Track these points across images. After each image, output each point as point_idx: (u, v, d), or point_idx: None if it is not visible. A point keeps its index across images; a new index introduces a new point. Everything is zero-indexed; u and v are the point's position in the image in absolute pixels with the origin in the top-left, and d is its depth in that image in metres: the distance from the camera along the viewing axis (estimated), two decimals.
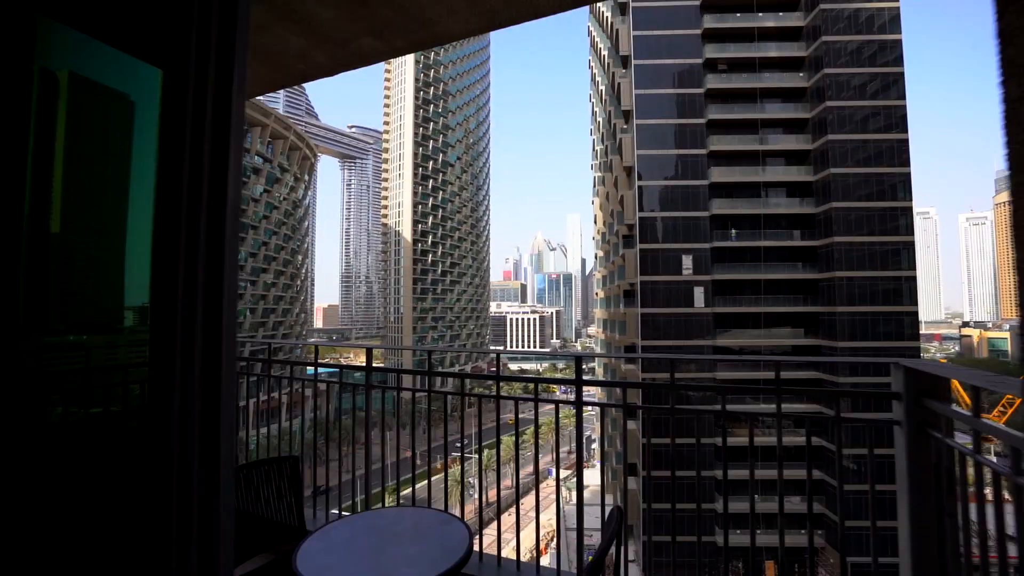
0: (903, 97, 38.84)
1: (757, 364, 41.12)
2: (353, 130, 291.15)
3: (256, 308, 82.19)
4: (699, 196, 41.98)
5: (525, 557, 2.86)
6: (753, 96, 42.78)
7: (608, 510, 2.01)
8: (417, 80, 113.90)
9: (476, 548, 2.72)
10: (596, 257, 71.06)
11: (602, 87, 56.05)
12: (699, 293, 41.22)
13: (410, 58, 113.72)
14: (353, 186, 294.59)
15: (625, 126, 46.46)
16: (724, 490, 2.82)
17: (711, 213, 41.79)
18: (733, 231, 41.92)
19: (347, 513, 2.73)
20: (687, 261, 41.56)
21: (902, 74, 38.98)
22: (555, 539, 56.23)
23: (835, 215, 38.49)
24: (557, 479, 2.86)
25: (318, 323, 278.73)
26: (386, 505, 2.84)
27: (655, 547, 39.73)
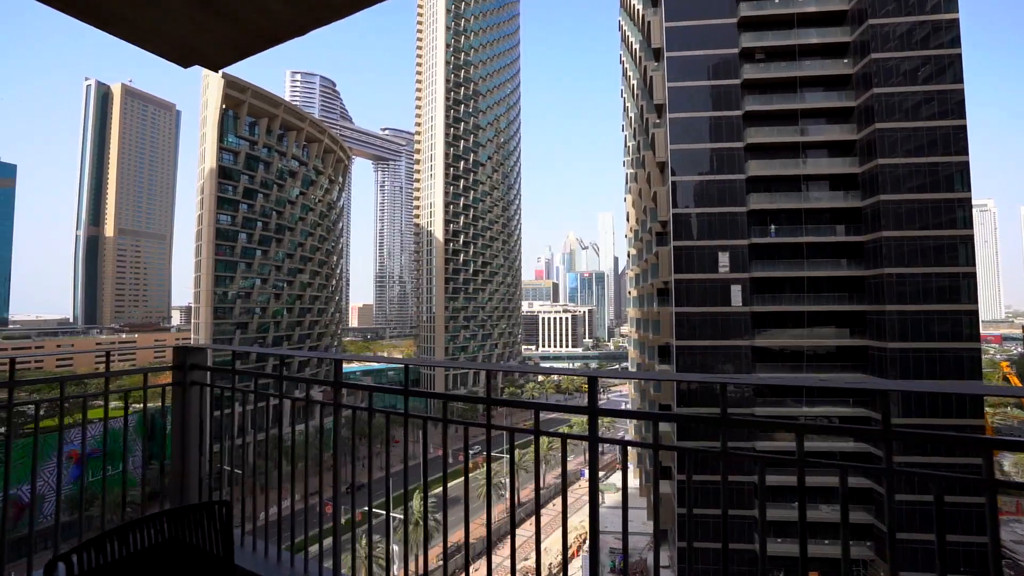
0: (960, 81, 36.35)
1: (800, 365, 39.34)
2: (386, 132, 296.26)
3: (293, 308, 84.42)
4: (736, 191, 40.48)
5: None
6: (792, 85, 40.92)
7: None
8: (448, 81, 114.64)
9: None
10: (629, 255, 69.80)
11: (633, 82, 54.88)
12: (736, 291, 39.77)
13: (441, 58, 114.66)
14: (386, 187, 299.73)
15: (658, 120, 45.31)
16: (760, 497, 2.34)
17: (749, 208, 40.24)
18: (772, 227, 40.24)
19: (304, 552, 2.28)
20: (723, 258, 40.17)
21: (959, 56, 36.50)
22: (587, 542, 55.48)
23: (884, 208, 36.37)
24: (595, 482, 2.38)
25: (353, 322, 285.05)
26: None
27: (694, 554, 38.57)
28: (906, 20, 37.23)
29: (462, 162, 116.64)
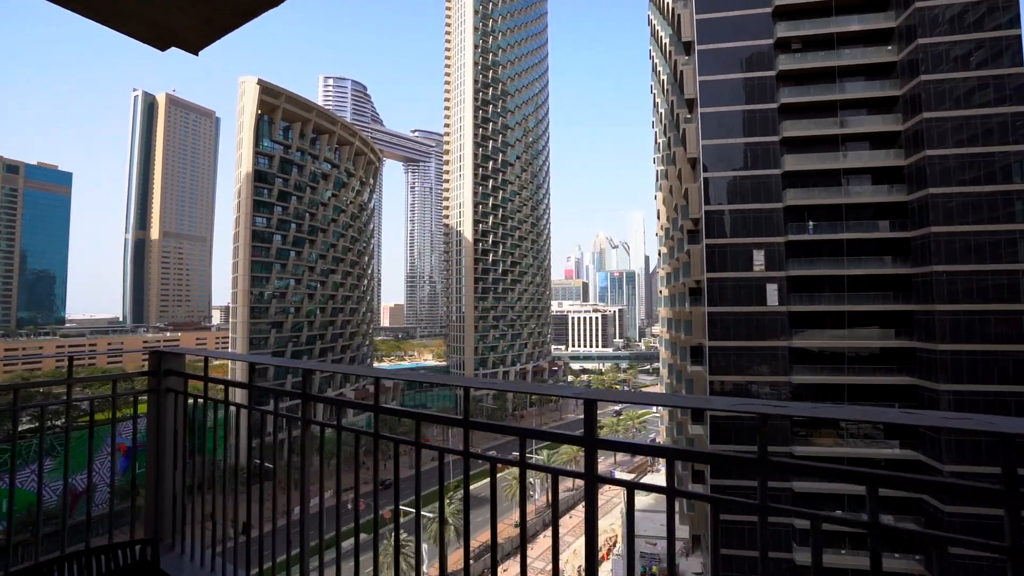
0: (1019, 64, 33.95)
1: (840, 368, 37.63)
2: (416, 134, 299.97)
3: (325, 307, 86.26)
4: (771, 186, 39.03)
5: None
6: (831, 75, 39.15)
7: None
8: (476, 81, 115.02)
9: None
10: (660, 254, 68.47)
11: (664, 77, 53.69)
12: (772, 290, 38.35)
13: (469, 59, 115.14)
14: (416, 188, 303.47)
15: (688, 116, 44.17)
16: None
17: (785, 204, 38.73)
18: (810, 223, 38.60)
19: None
20: (758, 256, 38.79)
21: (1018, 38, 34.12)
22: (616, 545, 54.69)
23: (932, 202, 34.35)
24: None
25: (384, 322, 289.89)
26: None
27: (725, 561, 37.39)
28: (957, 1, 35.06)
29: (491, 162, 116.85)
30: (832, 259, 38.14)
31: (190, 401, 2.25)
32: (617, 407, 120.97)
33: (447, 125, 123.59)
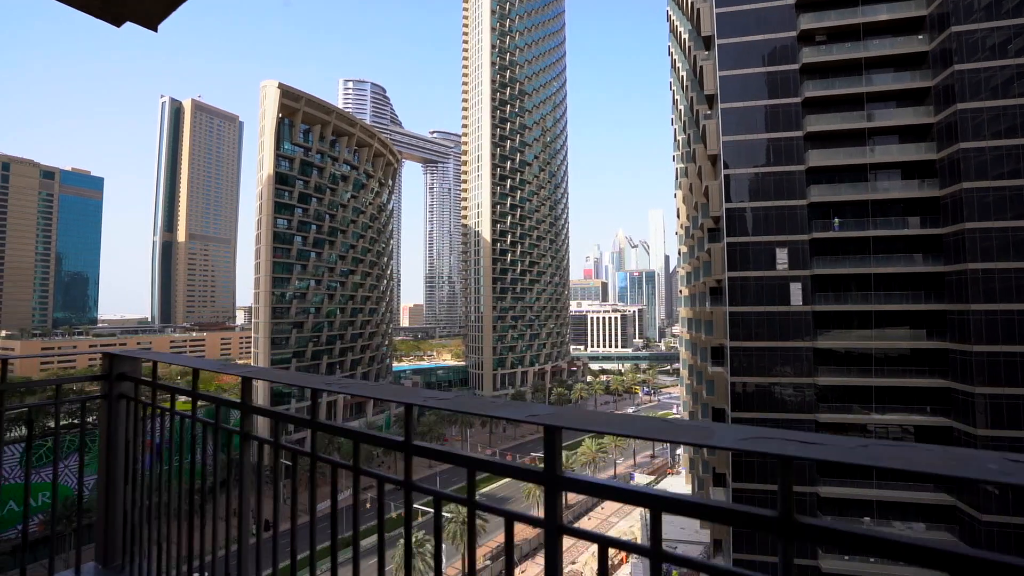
0: None
1: (868, 369, 36.40)
2: (435, 135, 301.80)
3: (345, 308, 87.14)
4: (795, 183, 37.96)
5: None
6: (857, 67, 37.88)
7: None
8: (493, 82, 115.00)
9: None
10: (680, 253, 67.40)
11: (683, 73, 52.81)
12: (796, 289, 37.30)
13: (486, 59, 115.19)
14: (435, 189, 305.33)
15: (708, 112, 43.33)
16: None
17: (809, 201, 37.63)
18: (836, 220, 37.42)
19: None
20: (782, 255, 37.78)
21: None
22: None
23: (966, 197, 32.92)
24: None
25: (404, 322, 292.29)
26: None
27: (739, 565, 36.44)
28: None
29: (509, 162, 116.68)
30: (859, 257, 36.92)
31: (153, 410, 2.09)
32: (631, 408, 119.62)
33: (465, 126, 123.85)
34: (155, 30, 2.39)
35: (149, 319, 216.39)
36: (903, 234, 36.36)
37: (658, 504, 1.00)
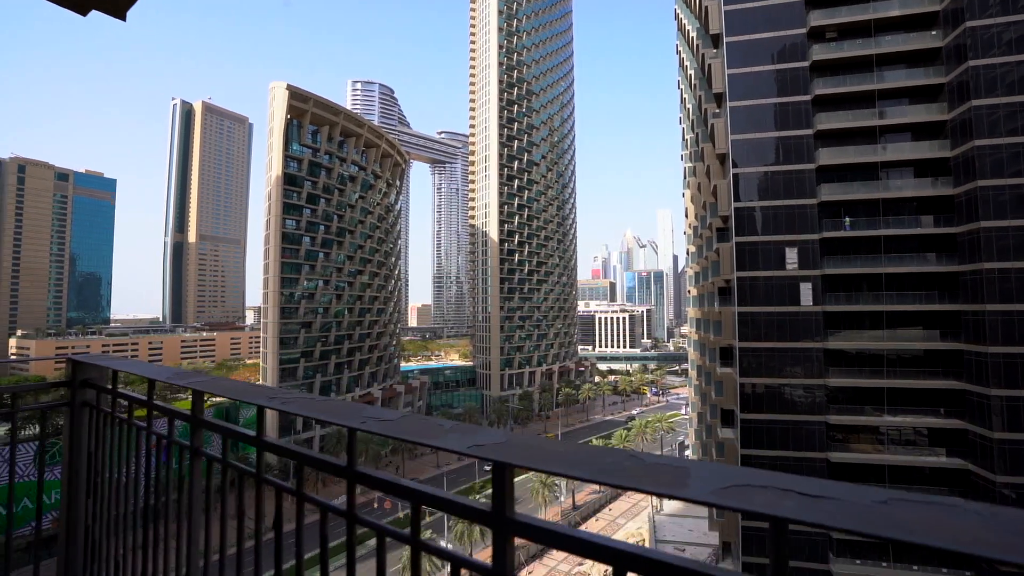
0: None
1: (880, 370, 35.84)
2: (442, 135, 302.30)
3: (353, 308, 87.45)
4: (804, 182, 37.49)
5: None
6: (868, 64, 37.33)
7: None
8: (501, 82, 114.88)
9: None
10: (688, 253, 66.93)
11: (691, 71, 52.38)
12: (806, 289, 36.84)
13: (494, 59, 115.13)
14: (443, 189, 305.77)
15: (717, 110, 42.93)
16: None
17: (819, 200, 37.15)
18: (846, 219, 36.91)
19: None
20: (791, 254, 37.33)
21: None
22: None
23: (982, 195, 32.30)
24: None
25: (412, 322, 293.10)
26: None
27: (749, 569, 36.04)
28: None
29: (516, 162, 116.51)
30: (870, 257, 36.38)
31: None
32: (639, 409, 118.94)
33: (472, 126, 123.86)
34: (123, 19, 2.30)
35: (161, 319, 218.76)
36: (916, 233, 35.77)
37: (621, 561, 0.80)
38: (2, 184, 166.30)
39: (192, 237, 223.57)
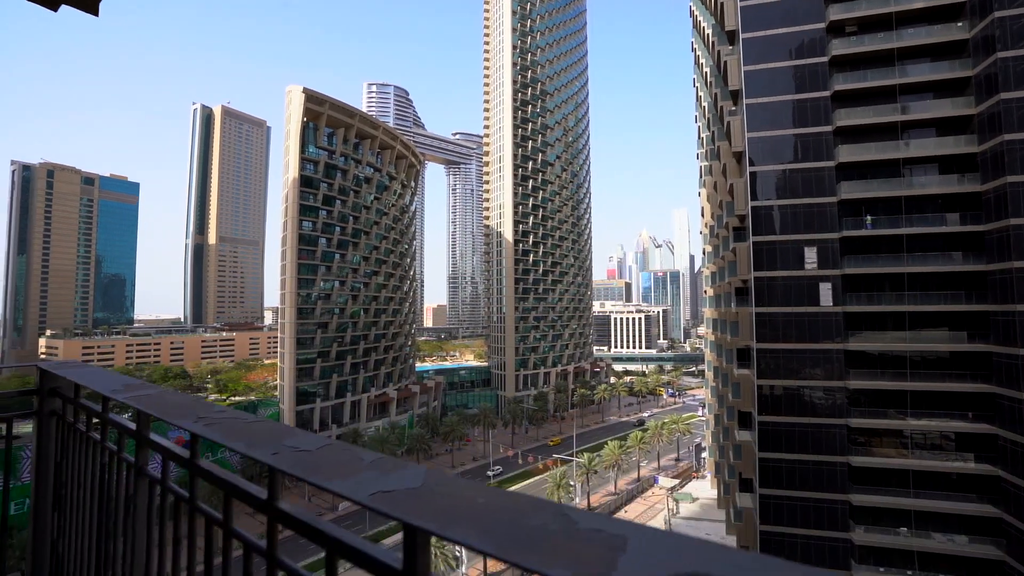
0: None
1: (903, 372, 34.83)
2: (457, 136, 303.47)
3: (369, 308, 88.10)
4: (824, 180, 36.67)
5: None
6: (889, 58, 36.32)
7: None
8: (515, 82, 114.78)
9: None
10: (704, 252, 66.04)
11: (707, 69, 51.68)
12: (826, 290, 36.02)
13: (508, 60, 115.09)
14: (458, 190, 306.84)
15: (733, 108, 42.27)
16: None
17: (839, 198, 36.28)
18: (868, 218, 35.98)
19: None
20: (810, 254, 36.54)
21: None
22: None
23: (1012, 192, 31.17)
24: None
25: (428, 322, 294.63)
26: None
27: None
28: None
29: (530, 162, 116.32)
30: (892, 256, 35.39)
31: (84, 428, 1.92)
32: (655, 410, 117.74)
33: (486, 127, 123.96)
34: (96, 14, 2.24)
35: (182, 319, 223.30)
36: (941, 231, 34.70)
37: None
38: (32, 189, 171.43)
39: (212, 239, 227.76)
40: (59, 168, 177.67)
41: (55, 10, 2.19)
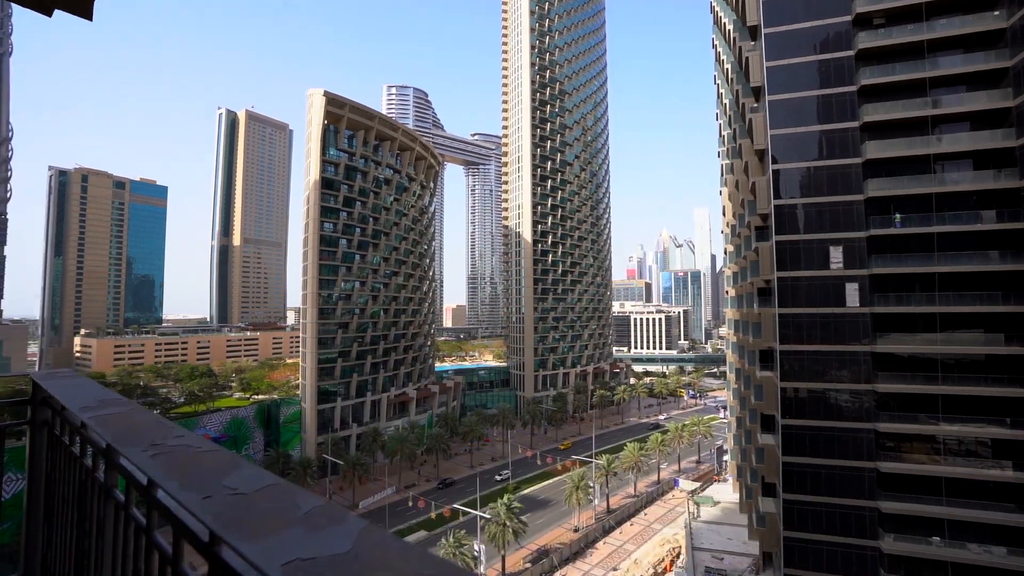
0: None
1: (934, 376, 33.58)
2: (476, 137, 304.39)
3: (389, 308, 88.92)
4: (850, 177, 35.63)
5: None
6: (919, 51, 35.07)
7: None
8: (533, 82, 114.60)
9: None
10: (726, 252, 64.89)
11: (728, 65, 50.71)
12: (852, 290, 35.00)
13: (526, 60, 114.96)
14: (477, 191, 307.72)
15: (755, 105, 41.39)
16: None
17: (867, 196, 35.20)
18: (897, 216, 34.81)
19: None
20: (836, 253, 35.56)
21: None
22: (680, 556, 52.21)
23: None
24: None
25: (447, 323, 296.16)
26: None
27: None
28: None
29: (549, 162, 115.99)
30: (922, 255, 34.16)
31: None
32: (675, 411, 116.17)
33: (505, 127, 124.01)
34: (89, 18, 2.22)
35: (208, 319, 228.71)
36: (976, 229, 33.38)
37: None
38: (67, 194, 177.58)
39: (237, 240, 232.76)
40: (92, 173, 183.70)
41: (49, 15, 2.18)
